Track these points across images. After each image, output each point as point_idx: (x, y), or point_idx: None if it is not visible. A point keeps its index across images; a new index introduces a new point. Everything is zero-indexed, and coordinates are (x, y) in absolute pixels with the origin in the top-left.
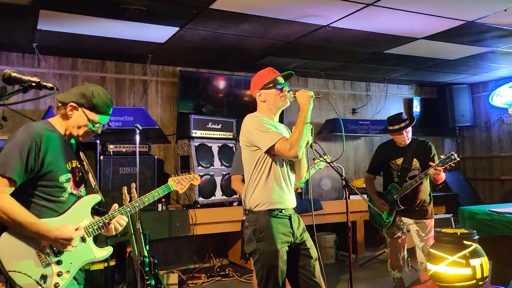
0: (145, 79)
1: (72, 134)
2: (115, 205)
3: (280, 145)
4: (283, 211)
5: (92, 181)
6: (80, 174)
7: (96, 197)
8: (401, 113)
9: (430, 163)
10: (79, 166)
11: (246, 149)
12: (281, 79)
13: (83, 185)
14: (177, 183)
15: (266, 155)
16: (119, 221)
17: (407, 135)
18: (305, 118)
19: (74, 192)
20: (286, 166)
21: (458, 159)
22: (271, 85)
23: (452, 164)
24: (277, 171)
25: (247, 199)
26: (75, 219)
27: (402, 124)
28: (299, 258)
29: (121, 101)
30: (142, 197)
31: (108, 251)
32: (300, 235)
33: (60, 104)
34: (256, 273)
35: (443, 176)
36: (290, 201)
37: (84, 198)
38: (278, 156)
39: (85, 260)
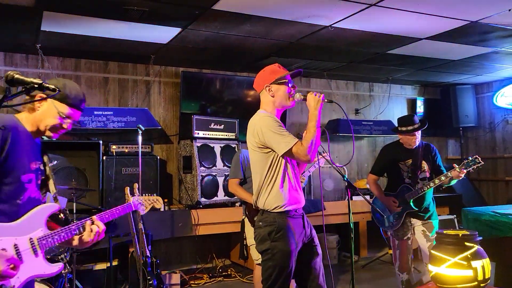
0: (148, 79)
1: (39, 129)
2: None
3: (296, 149)
4: (297, 210)
5: (52, 188)
6: (43, 177)
7: (54, 206)
8: (413, 115)
9: (454, 165)
10: (42, 169)
11: (258, 151)
12: (289, 77)
13: (45, 191)
14: (139, 204)
15: (279, 156)
16: (98, 224)
17: (418, 137)
18: (316, 121)
19: (33, 196)
20: (294, 166)
21: (482, 162)
22: (283, 81)
23: (476, 168)
24: (289, 171)
25: (261, 201)
26: (28, 228)
27: (416, 126)
28: (308, 256)
29: (124, 102)
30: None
31: (58, 267)
32: (310, 233)
33: (27, 97)
34: (263, 271)
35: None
36: (302, 200)
37: (41, 206)
38: (289, 157)
39: (32, 275)
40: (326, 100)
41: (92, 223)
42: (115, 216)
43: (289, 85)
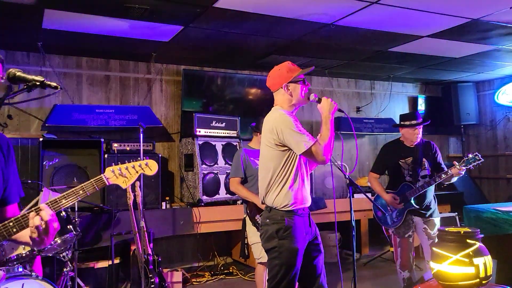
0: (149, 77)
1: None
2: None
3: (316, 149)
4: (304, 209)
5: None
6: None
7: None
8: (415, 111)
9: (454, 162)
10: None
11: (273, 148)
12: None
13: None
14: (118, 176)
15: (294, 155)
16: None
17: (420, 133)
18: (330, 124)
19: None
20: (305, 165)
21: (482, 159)
22: (299, 79)
23: (476, 165)
24: (302, 170)
25: (270, 199)
26: None
27: (420, 120)
28: (311, 254)
29: (125, 100)
30: (57, 197)
31: None
32: (314, 231)
33: None
34: (270, 270)
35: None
36: (309, 199)
37: None
38: (306, 157)
39: None
40: (337, 109)
41: (37, 214)
42: (79, 198)
43: (305, 83)
